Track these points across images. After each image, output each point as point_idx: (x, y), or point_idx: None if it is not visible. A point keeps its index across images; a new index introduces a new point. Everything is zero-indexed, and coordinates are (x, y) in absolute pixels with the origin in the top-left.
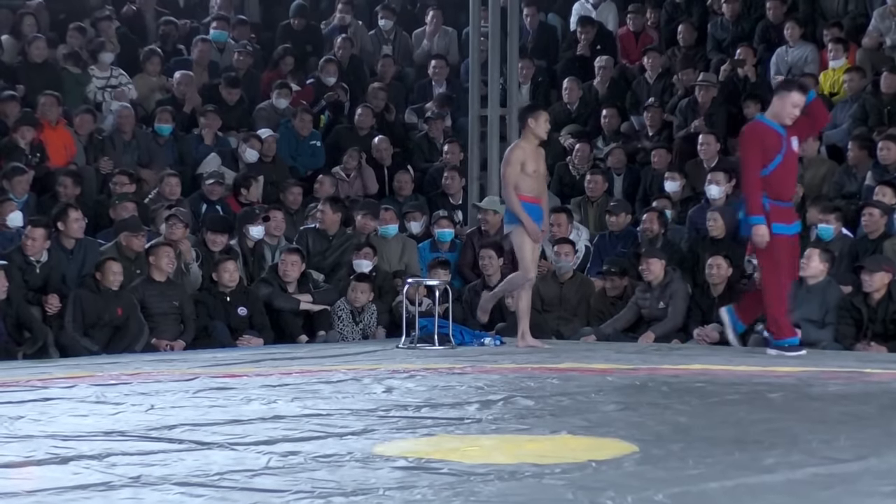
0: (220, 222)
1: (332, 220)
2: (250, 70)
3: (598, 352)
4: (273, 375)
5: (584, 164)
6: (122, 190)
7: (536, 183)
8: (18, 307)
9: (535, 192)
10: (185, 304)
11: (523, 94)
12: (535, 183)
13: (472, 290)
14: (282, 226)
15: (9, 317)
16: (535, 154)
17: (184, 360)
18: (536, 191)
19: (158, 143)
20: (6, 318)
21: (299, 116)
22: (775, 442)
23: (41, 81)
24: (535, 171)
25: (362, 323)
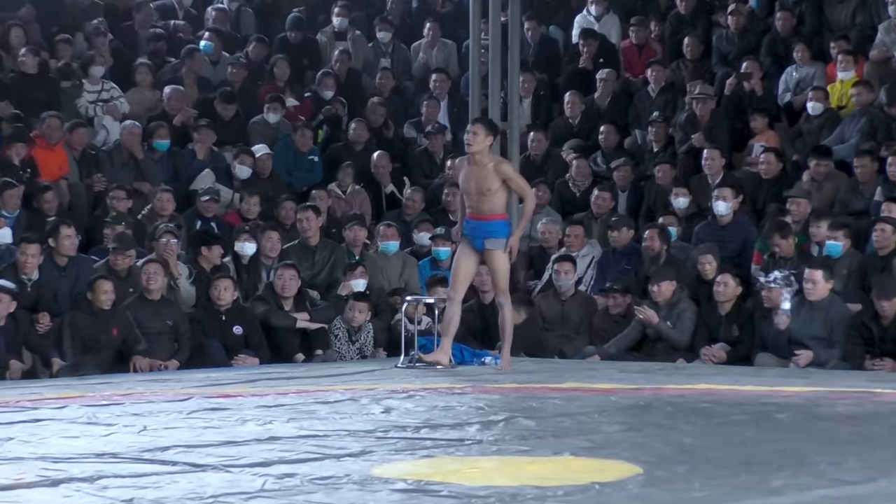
0: (204, 236)
1: (316, 226)
2: (246, 84)
3: (602, 371)
4: (269, 396)
5: (583, 181)
6: (118, 205)
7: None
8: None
9: (470, 207)
10: (179, 323)
11: (525, 109)
12: (468, 200)
13: (468, 309)
14: (277, 247)
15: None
16: (468, 168)
17: (177, 380)
18: (471, 207)
19: (154, 158)
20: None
21: (300, 132)
22: (783, 463)
23: (34, 95)
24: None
25: (359, 342)
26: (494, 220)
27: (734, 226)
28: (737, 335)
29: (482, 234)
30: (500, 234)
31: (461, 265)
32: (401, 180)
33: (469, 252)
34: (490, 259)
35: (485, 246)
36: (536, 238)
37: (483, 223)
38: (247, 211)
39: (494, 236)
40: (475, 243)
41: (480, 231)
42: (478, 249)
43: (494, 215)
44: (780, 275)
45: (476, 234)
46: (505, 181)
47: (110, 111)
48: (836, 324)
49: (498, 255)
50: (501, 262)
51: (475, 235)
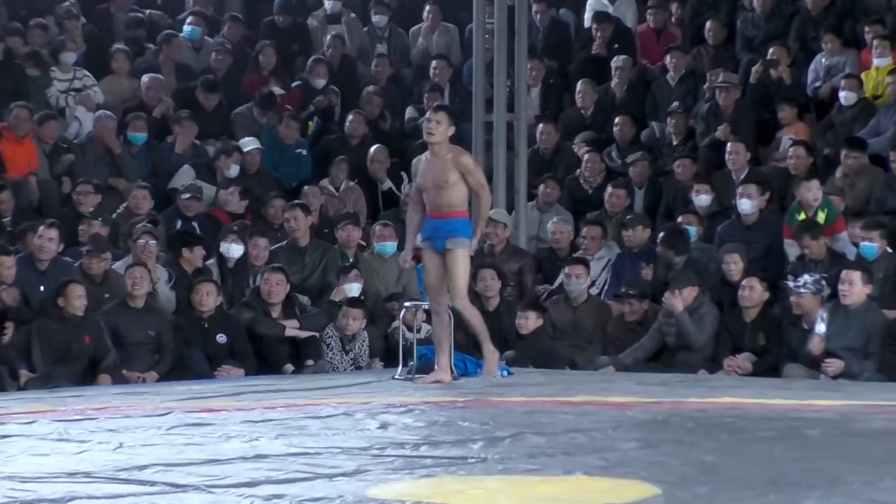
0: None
1: (305, 226)
2: (229, 72)
3: (616, 383)
4: (255, 410)
5: (595, 177)
6: (85, 202)
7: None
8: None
9: (430, 205)
10: (162, 333)
11: (533, 98)
12: (427, 196)
13: None
14: (264, 255)
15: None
16: (427, 163)
17: (156, 393)
18: (432, 204)
19: (130, 153)
20: None
21: (285, 123)
22: (814, 483)
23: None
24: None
25: (353, 351)
26: (454, 217)
27: (760, 226)
28: (763, 344)
29: (442, 233)
30: (461, 233)
31: (430, 272)
32: (398, 176)
33: (434, 256)
34: (450, 260)
35: (445, 246)
36: (545, 239)
37: (442, 222)
38: (226, 203)
39: (455, 235)
40: (436, 244)
41: (440, 231)
42: (438, 251)
43: (454, 213)
44: (811, 279)
45: (436, 234)
46: (463, 175)
47: (83, 101)
48: (872, 333)
49: (459, 256)
50: (462, 265)
51: (435, 236)
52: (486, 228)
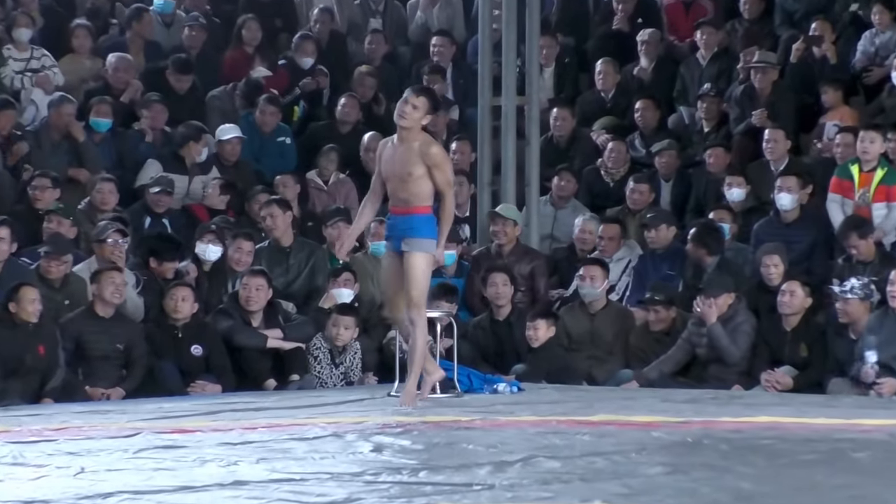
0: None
1: (284, 223)
2: (204, 50)
3: (640, 401)
4: (233, 431)
5: (619, 168)
6: (42, 197)
7: (391, 188)
8: None
9: (394, 199)
10: (133, 346)
11: (546, 80)
12: (389, 188)
13: (478, 326)
14: (247, 259)
15: None
16: (393, 150)
17: (122, 412)
18: (396, 198)
19: (94, 141)
20: None
21: (261, 108)
22: None
23: None
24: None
25: (344, 365)
26: (414, 213)
27: (801, 223)
28: (805, 356)
29: (399, 231)
30: (420, 233)
31: (389, 277)
32: None
33: (392, 257)
34: (406, 263)
35: (403, 246)
36: (559, 238)
37: (401, 219)
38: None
39: (414, 234)
40: (394, 244)
41: (397, 228)
42: (398, 252)
43: (415, 207)
44: (858, 283)
45: (394, 231)
46: (430, 168)
47: (41, 83)
48: None
49: (417, 260)
50: (420, 269)
51: (393, 234)
52: (494, 226)
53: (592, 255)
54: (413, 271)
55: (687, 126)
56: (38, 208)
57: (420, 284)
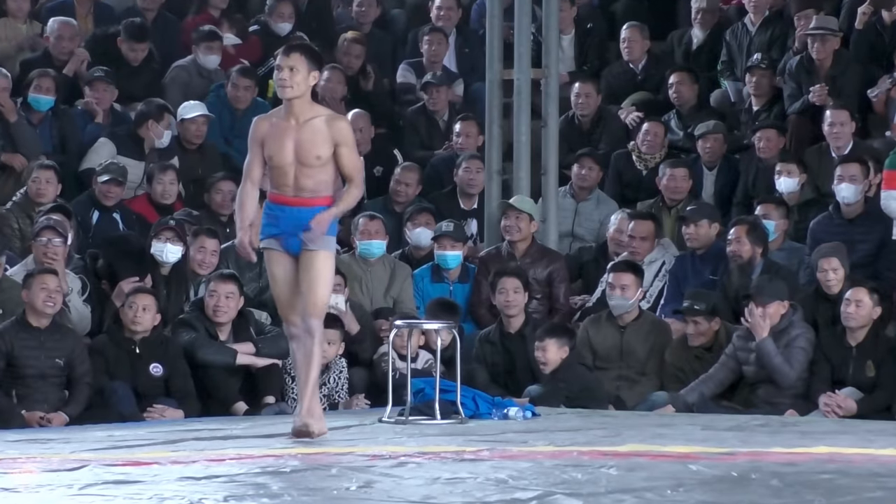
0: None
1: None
2: (162, 14)
3: (678, 427)
4: (197, 463)
5: (654, 153)
6: None
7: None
8: None
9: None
10: (75, 362)
11: (566, 49)
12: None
13: (486, 340)
14: (212, 261)
15: None
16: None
17: (66, 440)
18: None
19: (31, 121)
20: None
21: (234, 80)
22: None
23: None
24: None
25: (327, 385)
26: (318, 205)
27: (866, 219)
28: (872, 376)
29: (296, 227)
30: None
31: (279, 281)
32: (387, 153)
33: (284, 259)
34: (309, 263)
35: (303, 244)
36: (583, 236)
37: (302, 212)
38: (161, 194)
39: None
40: (289, 243)
41: (298, 223)
42: (292, 252)
43: (319, 198)
44: None
45: (290, 227)
46: (337, 148)
47: None
48: None
49: (324, 260)
50: (327, 270)
51: (289, 230)
52: (506, 221)
53: (623, 259)
54: (319, 274)
55: (733, 104)
56: None
57: (327, 289)
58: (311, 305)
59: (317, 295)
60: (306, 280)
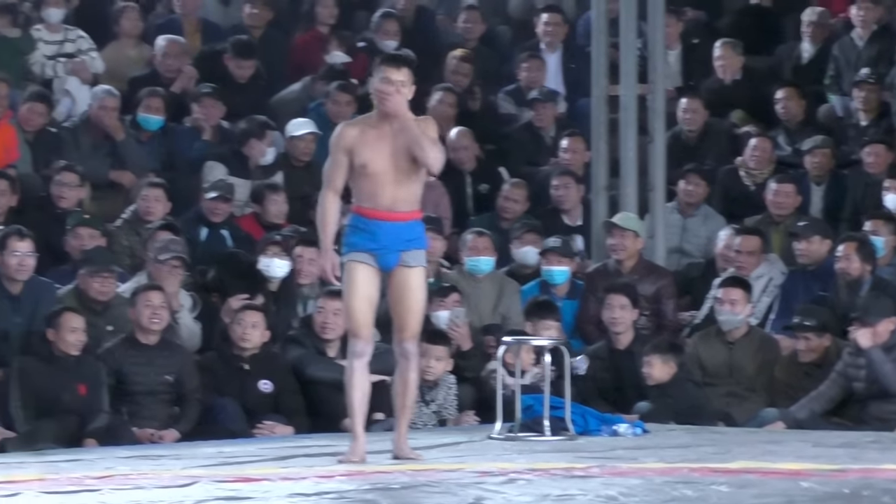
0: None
1: None
2: (269, 31)
3: (787, 445)
4: (307, 479)
5: (762, 169)
6: (67, 196)
7: (381, 185)
8: None
9: (382, 199)
10: (185, 378)
11: (672, 63)
12: (375, 185)
13: (594, 356)
14: (310, 270)
15: None
16: (379, 134)
17: (176, 457)
18: (386, 198)
19: (139, 139)
20: None
21: (334, 98)
22: None
23: None
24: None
25: (436, 402)
26: (415, 219)
27: None
28: None
29: (398, 243)
30: (422, 243)
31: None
32: (493, 170)
33: (373, 275)
34: (406, 282)
35: (401, 261)
36: (691, 252)
37: (400, 226)
38: (271, 213)
39: (416, 246)
40: (385, 259)
41: (396, 239)
42: (385, 269)
43: (415, 212)
44: None
45: (389, 243)
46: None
47: (77, 71)
48: None
49: (420, 277)
50: (424, 288)
51: (387, 246)
52: (612, 239)
53: (731, 274)
54: (418, 293)
55: (840, 119)
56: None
57: (424, 308)
58: (410, 328)
59: (416, 317)
60: (406, 300)
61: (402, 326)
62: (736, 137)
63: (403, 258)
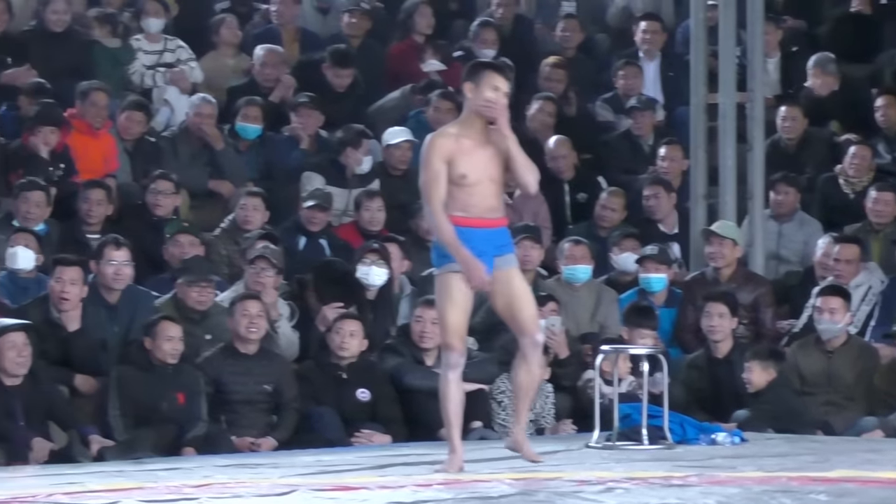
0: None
1: None
2: (367, 41)
3: (887, 453)
4: (405, 488)
5: (862, 176)
6: (163, 204)
7: (479, 194)
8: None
9: (478, 208)
10: (283, 387)
11: (771, 72)
12: (473, 194)
13: (692, 365)
14: (402, 264)
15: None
16: (475, 144)
17: (274, 465)
18: (482, 207)
19: (238, 148)
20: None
21: (435, 104)
22: None
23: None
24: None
25: (533, 411)
26: (505, 224)
27: None
28: None
29: (493, 248)
30: (511, 248)
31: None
32: (591, 178)
33: (465, 284)
34: (509, 281)
35: (496, 266)
36: (788, 258)
37: (493, 232)
38: (368, 221)
39: (508, 251)
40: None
41: (490, 244)
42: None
43: (504, 218)
44: None
45: (485, 248)
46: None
47: (175, 80)
48: None
49: (520, 274)
50: (525, 281)
51: (484, 253)
52: (710, 248)
53: (830, 283)
54: (524, 285)
55: None
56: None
57: (534, 304)
58: (532, 319)
59: (532, 308)
60: (516, 298)
61: (524, 320)
62: (835, 145)
63: (497, 263)
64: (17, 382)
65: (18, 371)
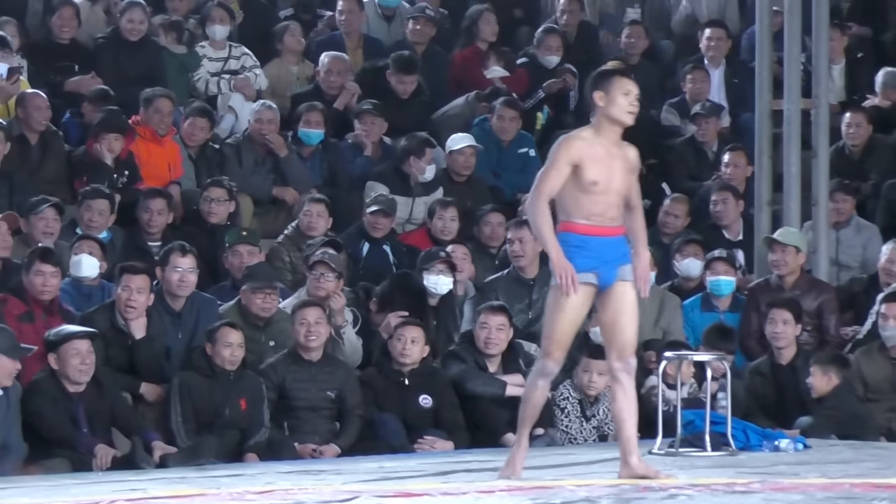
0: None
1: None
2: (431, 47)
3: None
4: (468, 494)
5: None
6: (216, 211)
7: (605, 203)
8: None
9: (602, 217)
10: (347, 394)
11: (835, 79)
12: (600, 202)
13: (756, 371)
14: (468, 268)
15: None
16: (607, 152)
17: (337, 472)
18: (607, 216)
19: (301, 155)
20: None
21: (499, 112)
22: None
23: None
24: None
25: (597, 417)
26: (623, 235)
27: None
28: None
29: (616, 258)
30: (629, 258)
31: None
32: (655, 184)
33: (587, 299)
34: (624, 297)
35: (619, 276)
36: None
37: (617, 241)
38: (441, 230)
39: (629, 260)
40: (605, 276)
41: (614, 254)
42: (604, 286)
43: (622, 227)
44: None
45: (609, 258)
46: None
47: (240, 87)
48: None
49: (633, 293)
50: (636, 305)
51: (609, 261)
52: (773, 255)
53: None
54: (636, 308)
55: None
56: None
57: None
58: (629, 344)
59: (632, 332)
60: (622, 314)
61: (623, 343)
62: None
63: (620, 272)
64: (81, 389)
65: (82, 378)
